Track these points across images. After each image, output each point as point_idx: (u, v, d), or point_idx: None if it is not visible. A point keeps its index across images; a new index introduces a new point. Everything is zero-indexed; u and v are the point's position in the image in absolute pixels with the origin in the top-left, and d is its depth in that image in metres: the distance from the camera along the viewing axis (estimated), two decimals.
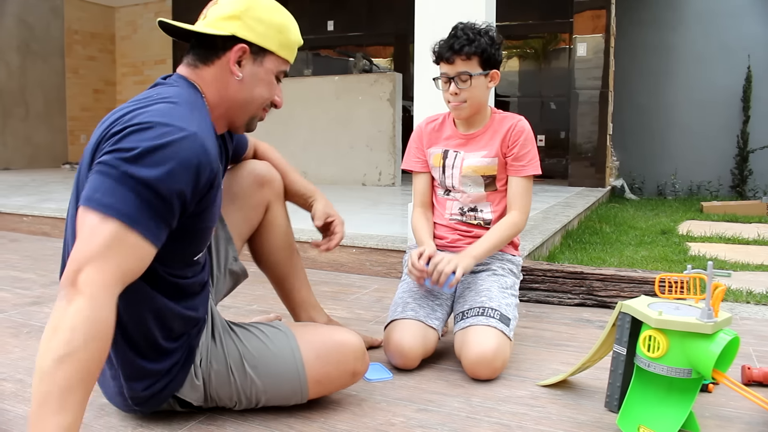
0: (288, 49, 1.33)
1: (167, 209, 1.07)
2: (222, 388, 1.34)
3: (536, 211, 4.24)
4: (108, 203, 1.02)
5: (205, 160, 1.11)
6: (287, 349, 1.36)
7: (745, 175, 7.26)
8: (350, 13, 9.04)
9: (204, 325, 1.34)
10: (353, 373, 1.41)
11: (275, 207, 1.69)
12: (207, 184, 1.14)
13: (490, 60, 1.79)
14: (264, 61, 1.30)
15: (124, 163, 1.03)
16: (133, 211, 1.03)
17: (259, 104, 1.33)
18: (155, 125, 1.07)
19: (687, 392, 1.29)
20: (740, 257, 3.42)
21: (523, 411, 1.45)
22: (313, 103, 6.59)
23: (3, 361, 1.73)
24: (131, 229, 1.02)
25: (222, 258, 1.57)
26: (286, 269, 1.74)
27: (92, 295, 0.98)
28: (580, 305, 2.41)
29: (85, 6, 10.10)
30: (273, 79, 1.33)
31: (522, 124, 1.84)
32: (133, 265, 1.04)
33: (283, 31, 1.31)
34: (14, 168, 9.04)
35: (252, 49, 1.28)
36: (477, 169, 1.85)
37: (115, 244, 1.01)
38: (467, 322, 1.67)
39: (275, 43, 1.30)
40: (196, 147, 1.09)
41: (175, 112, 1.12)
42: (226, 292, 1.65)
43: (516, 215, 1.82)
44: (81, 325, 0.96)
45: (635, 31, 7.63)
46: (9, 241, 3.85)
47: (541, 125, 7.93)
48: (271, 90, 1.33)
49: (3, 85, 8.95)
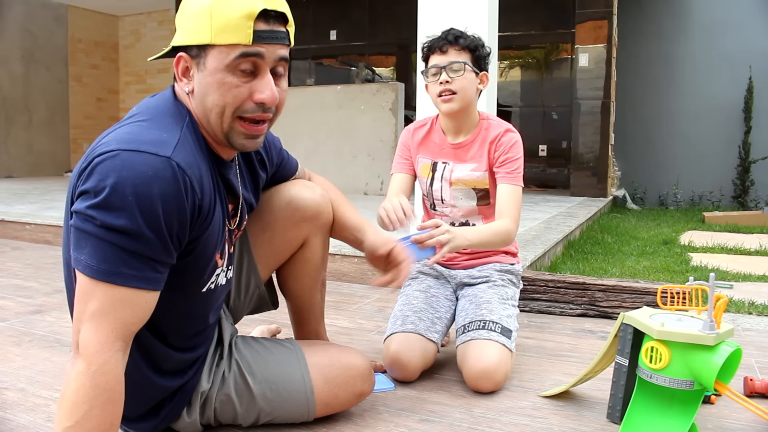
0: (230, 30, 1.04)
1: (156, 249, 0.99)
2: (226, 414, 1.32)
3: (538, 221, 4.24)
4: (91, 264, 0.97)
5: (182, 188, 1.00)
6: (298, 374, 1.33)
7: (746, 186, 7.26)
8: (353, 23, 9.08)
9: (203, 362, 1.30)
10: (360, 394, 1.41)
11: (314, 242, 1.53)
12: (194, 211, 1.05)
13: (480, 60, 1.78)
14: (206, 61, 1.06)
15: (96, 212, 0.96)
16: (119, 267, 0.97)
17: (218, 114, 1.08)
18: (119, 154, 0.97)
19: (689, 404, 1.29)
20: (742, 268, 3.41)
21: (525, 422, 1.45)
22: (315, 112, 6.61)
23: (5, 370, 1.73)
24: (120, 286, 0.98)
25: (243, 284, 1.50)
26: (306, 302, 1.63)
27: (90, 359, 0.96)
28: (582, 316, 2.41)
29: (88, 14, 10.16)
30: (227, 77, 1.06)
31: (510, 133, 1.81)
32: (132, 317, 1.00)
33: (213, 13, 1.04)
34: (17, 176, 9.06)
35: (191, 53, 1.08)
36: (467, 182, 1.83)
37: (106, 304, 0.97)
38: (468, 336, 1.67)
39: (207, 32, 1.05)
40: (173, 175, 0.99)
41: (147, 135, 1.01)
42: (247, 313, 1.60)
43: (508, 222, 1.72)
44: (83, 392, 0.96)
45: (637, 41, 7.66)
46: (11, 249, 3.85)
47: (543, 135, 7.94)
48: (225, 91, 1.07)
49: (6, 93, 8.99)
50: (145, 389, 1.22)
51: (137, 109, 1.10)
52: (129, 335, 1.01)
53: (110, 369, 0.98)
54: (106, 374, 0.97)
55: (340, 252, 2.97)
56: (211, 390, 1.30)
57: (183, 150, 1.03)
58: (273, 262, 1.53)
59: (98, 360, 0.97)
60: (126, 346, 1.01)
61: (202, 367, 1.30)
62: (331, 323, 1.87)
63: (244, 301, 1.53)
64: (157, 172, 0.97)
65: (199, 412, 1.30)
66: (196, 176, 1.04)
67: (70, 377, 0.97)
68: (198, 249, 1.12)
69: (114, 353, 0.98)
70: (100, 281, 0.97)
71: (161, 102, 1.12)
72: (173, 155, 1.00)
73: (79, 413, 0.95)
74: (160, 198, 0.97)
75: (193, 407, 1.29)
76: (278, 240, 1.48)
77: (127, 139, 0.99)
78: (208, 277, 1.19)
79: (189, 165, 1.03)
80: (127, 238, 0.96)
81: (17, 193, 6.12)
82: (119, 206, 0.95)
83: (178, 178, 0.99)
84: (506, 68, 8.16)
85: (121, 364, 1.00)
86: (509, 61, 8.14)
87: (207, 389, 1.30)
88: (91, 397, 0.96)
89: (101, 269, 0.97)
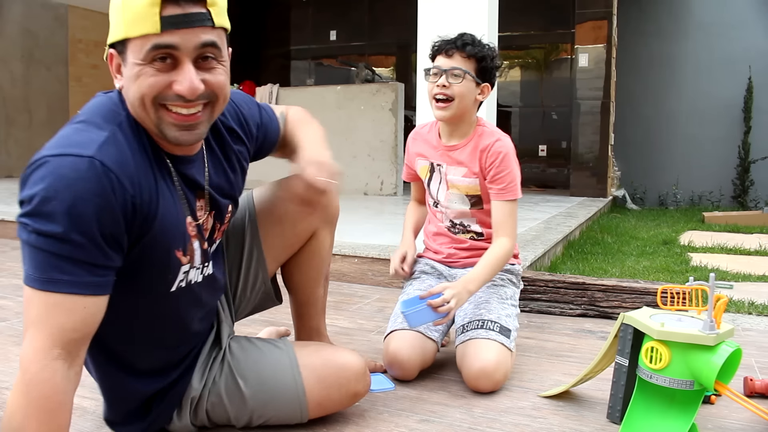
0: (139, 21, 0.98)
1: (89, 252, 0.96)
2: (218, 415, 1.31)
3: (538, 221, 4.24)
4: (29, 273, 0.96)
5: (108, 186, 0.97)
6: (288, 375, 1.32)
7: (746, 186, 7.27)
8: (353, 23, 9.08)
9: (192, 363, 1.30)
10: (354, 394, 1.39)
11: (322, 234, 1.53)
12: (126, 208, 1.01)
13: (486, 71, 1.76)
14: (126, 56, 1.02)
15: (28, 220, 0.95)
16: (51, 273, 0.94)
17: (140, 106, 1.03)
18: (48, 160, 0.96)
19: (689, 404, 1.29)
20: (742, 268, 3.41)
21: (525, 422, 1.45)
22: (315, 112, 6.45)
23: (5, 370, 1.73)
24: (54, 293, 0.95)
25: (251, 279, 1.49)
26: (309, 296, 1.63)
27: (26, 368, 0.95)
28: (582, 316, 2.41)
29: (89, 15, 10.15)
30: (144, 69, 1.00)
31: (500, 144, 1.77)
32: (70, 323, 0.96)
33: (123, 6, 0.99)
34: (17, 176, 9.05)
35: (117, 49, 1.04)
36: (461, 188, 1.83)
37: (42, 311, 0.95)
38: (467, 336, 1.67)
39: (122, 26, 1.00)
40: (96, 174, 0.96)
41: (76, 136, 0.99)
42: (249, 312, 1.58)
43: (505, 242, 1.74)
44: (17, 402, 0.95)
45: (637, 41, 7.66)
46: (11, 249, 3.85)
47: (542, 135, 7.95)
48: (141, 82, 1.01)
49: (6, 94, 8.99)
50: (121, 392, 1.22)
51: (81, 110, 1.08)
52: (70, 342, 0.97)
53: (46, 378, 0.94)
54: (40, 383, 0.94)
55: (340, 252, 2.97)
56: (203, 391, 1.30)
57: (110, 148, 0.99)
58: (282, 256, 1.53)
59: (32, 369, 0.94)
60: (68, 354, 0.97)
61: (191, 369, 1.29)
62: (331, 323, 1.87)
63: (250, 297, 1.52)
64: (79, 173, 0.95)
65: (192, 413, 1.30)
66: (125, 173, 1.00)
67: (12, 390, 0.96)
68: (147, 247, 1.07)
69: (50, 362, 0.95)
70: (36, 289, 0.95)
71: (101, 101, 1.08)
72: (96, 153, 0.97)
73: (14, 423, 0.94)
74: (85, 198, 0.95)
75: (184, 409, 1.29)
76: (290, 233, 1.47)
77: (56, 144, 0.98)
78: (173, 276, 1.16)
79: (115, 162, 0.99)
80: (57, 242, 0.94)
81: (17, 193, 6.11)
82: (47, 212, 0.93)
83: (101, 176, 0.96)
84: (506, 68, 8.16)
85: (61, 373, 0.96)
86: (509, 61, 8.14)
87: (199, 391, 1.29)
88: (23, 406, 0.94)
89: (36, 277, 0.95)
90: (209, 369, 1.32)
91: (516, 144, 1.89)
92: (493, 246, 1.75)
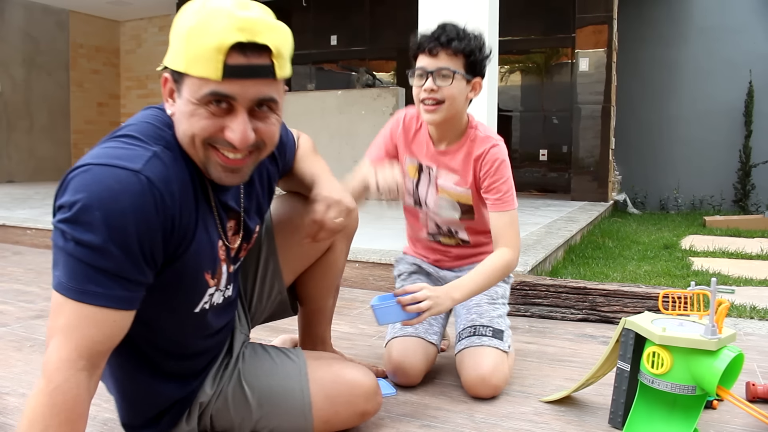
0: (201, 62, 0.96)
1: (124, 266, 0.96)
2: (222, 421, 1.31)
3: (539, 226, 4.24)
4: (62, 282, 0.95)
5: (152, 202, 0.97)
6: (297, 389, 1.31)
7: (747, 190, 7.25)
8: (353, 28, 9.09)
9: (207, 373, 1.30)
10: (363, 413, 1.36)
11: (339, 247, 1.53)
12: (166, 225, 1.00)
13: (475, 66, 1.61)
14: (182, 88, 1.00)
15: (67, 227, 0.94)
16: (86, 285, 0.94)
17: (189, 143, 1.03)
18: (92, 168, 0.95)
19: (691, 409, 1.28)
20: (743, 272, 3.41)
21: (527, 427, 1.44)
22: (316, 117, 6.61)
23: (6, 375, 1.73)
24: (87, 304, 0.95)
25: (266, 288, 1.48)
26: (320, 307, 1.63)
27: (50, 376, 0.93)
28: (583, 320, 2.41)
29: (90, 20, 10.18)
30: (198, 110, 0.99)
31: (495, 151, 1.66)
32: (98, 336, 0.96)
33: (188, 40, 0.97)
34: (18, 181, 9.06)
35: (173, 76, 1.02)
36: (452, 195, 1.74)
37: (73, 321, 0.95)
38: (462, 344, 1.66)
39: (182, 59, 0.98)
40: (141, 189, 0.95)
41: (122, 150, 0.99)
42: (265, 320, 1.57)
43: (507, 253, 1.62)
44: (39, 411, 0.93)
45: (637, 46, 7.66)
46: (12, 254, 3.85)
47: (543, 139, 7.94)
48: (194, 122, 1.00)
49: (8, 98, 9.00)
50: (147, 396, 1.22)
51: (126, 123, 1.07)
52: (95, 354, 0.97)
53: (70, 388, 0.94)
54: (64, 393, 0.94)
55: None
56: (212, 397, 1.30)
57: (156, 164, 0.99)
58: (299, 267, 1.52)
59: (57, 378, 0.93)
60: (92, 366, 0.97)
61: (206, 378, 1.30)
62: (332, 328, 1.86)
63: (266, 305, 1.51)
64: (124, 185, 0.94)
65: (198, 419, 1.30)
66: (169, 192, 1.00)
67: (32, 394, 0.95)
68: (179, 268, 1.08)
69: (75, 372, 0.95)
70: (69, 298, 0.95)
71: (149, 117, 1.08)
72: (143, 168, 0.97)
73: None
74: (128, 212, 0.94)
75: (193, 415, 1.29)
76: (308, 244, 1.43)
77: (102, 154, 0.98)
78: (199, 298, 1.16)
79: (161, 179, 0.99)
80: (94, 253, 0.93)
81: (18, 198, 6.13)
82: (87, 221, 0.93)
83: (146, 191, 0.96)
84: (506, 73, 8.16)
85: (84, 384, 0.96)
86: (509, 65, 8.14)
87: (209, 396, 1.29)
88: (46, 416, 0.93)
89: (70, 286, 0.95)
90: (221, 375, 1.32)
91: (517, 148, 1.88)
92: (492, 255, 1.64)
